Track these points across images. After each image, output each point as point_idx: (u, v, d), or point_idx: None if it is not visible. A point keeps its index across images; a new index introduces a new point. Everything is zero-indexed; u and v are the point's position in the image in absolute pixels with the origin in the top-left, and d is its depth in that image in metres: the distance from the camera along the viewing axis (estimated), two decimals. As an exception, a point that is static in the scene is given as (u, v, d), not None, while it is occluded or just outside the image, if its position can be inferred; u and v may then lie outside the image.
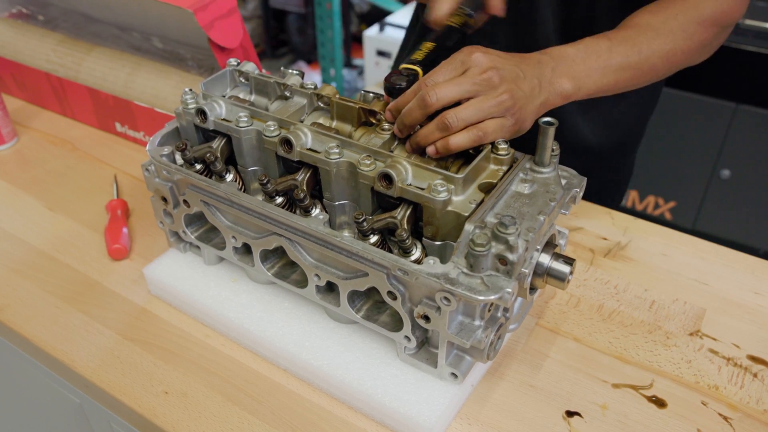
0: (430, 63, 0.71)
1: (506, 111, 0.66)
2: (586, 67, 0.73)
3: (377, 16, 3.08)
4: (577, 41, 0.75)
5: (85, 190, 1.01)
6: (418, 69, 0.70)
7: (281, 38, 3.47)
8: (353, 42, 3.29)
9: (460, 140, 0.64)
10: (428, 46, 0.73)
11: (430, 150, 0.65)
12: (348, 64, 3.23)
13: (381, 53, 2.87)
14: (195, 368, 0.72)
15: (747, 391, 0.70)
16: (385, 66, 2.83)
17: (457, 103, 0.66)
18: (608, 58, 0.75)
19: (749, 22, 1.83)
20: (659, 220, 2.21)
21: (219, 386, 0.70)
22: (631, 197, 2.25)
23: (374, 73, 2.95)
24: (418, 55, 0.72)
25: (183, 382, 0.71)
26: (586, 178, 0.70)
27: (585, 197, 0.95)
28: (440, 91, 0.64)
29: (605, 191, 1.06)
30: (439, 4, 0.74)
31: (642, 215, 1.87)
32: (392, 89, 0.69)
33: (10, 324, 0.78)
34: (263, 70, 1.07)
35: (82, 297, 0.82)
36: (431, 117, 0.66)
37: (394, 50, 2.65)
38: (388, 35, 2.84)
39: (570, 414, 0.67)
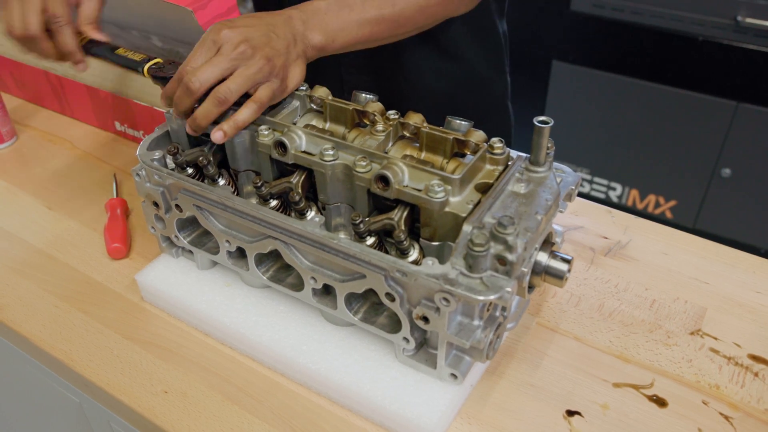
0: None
1: (269, 75, 0.70)
2: (339, 20, 0.77)
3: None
4: None
5: (85, 189, 1.01)
6: (159, 60, 0.78)
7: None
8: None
9: (245, 114, 0.69)
10: (122, 50, 0.82)
11: (218, 136, 0.69)
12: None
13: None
14: (194, 367, 0.72)
15: (748, 390, 0.70)
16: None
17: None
18: (362, 11, 0.79)
19: (750, 20, 1.82)
20: (660, 219, 2.21)
21: (219, 385, 0.70)
22: (632, 196, 2.24)
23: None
24: (141, 55, 0.80)
25: (182, 381, 0.70)
26: (581, 176, 0.70)
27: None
28: (201, 75, 0.67)
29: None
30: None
31: (642, 214, 1.87)
32: (161, 80, 0.75)
33: (9, 323, 0.78)
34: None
35: (81, 296, 0.81)
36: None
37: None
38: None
39: (570, 413, 0.67)
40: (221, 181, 0.74)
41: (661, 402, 0.68)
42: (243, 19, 0.72)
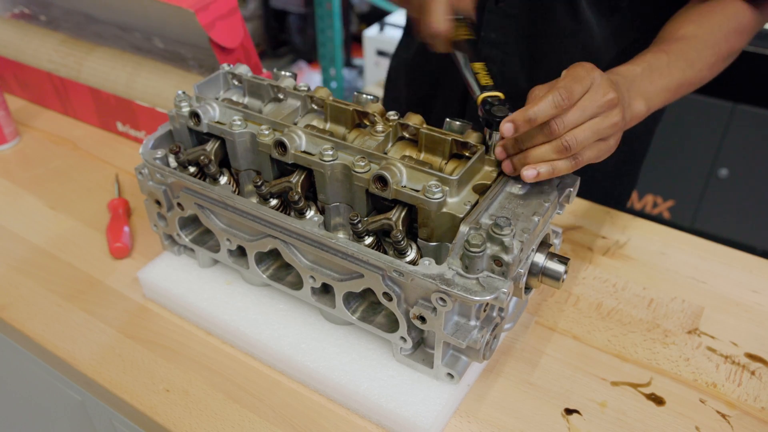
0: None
1: (615, 132, 0.65)
2: (653, 86, 0.73)
3: (377, 16, 3.08)
4: (636, 58, 0.75)
5: (87, 189, 1.01)
6: (500, 94, 0.68)
7: (282, 38, 3.47)
8: (353, 42, 3.29)
9: (563, 165, 0.63)
10: (479, 66, 0.71)
11: (530, 174, 0.62)
12: (348, 63, 3.23)
13: (381, 53, 2.87)
14: (196, 366, 0.73)
15: (745, 388, 0.70)
16: (385, 66, 2.83)
17: None
18: (669, 74, 0.75)
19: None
20: (658, 219, 2.21)
21: (220, 384, 0.70)
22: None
23: (374, 73, 2.95)
24: (489, 80, 0.70)
25: (184, 379, 0.71)
26: (579, 178, 0.70)
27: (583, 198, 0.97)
28: (568, 121, 0.62)
29: (607, 198, 1.06)
30: (436, 19, 0.71)
31: (641, 214, 1.87)
32: (493, 121, 0.65)
33: (12, 322, 0.79)
34: (264, 70, 1.07)
35: (83, 295, 0.82)
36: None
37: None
38: (387, 35, 2.84)
39: (569, 411, 0.68)
40: (222, 180, 0.75)
41: (658, 400, 0.69)
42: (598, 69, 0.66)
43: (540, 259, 0.64)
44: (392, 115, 0.71)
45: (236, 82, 0.81)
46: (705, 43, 0.79)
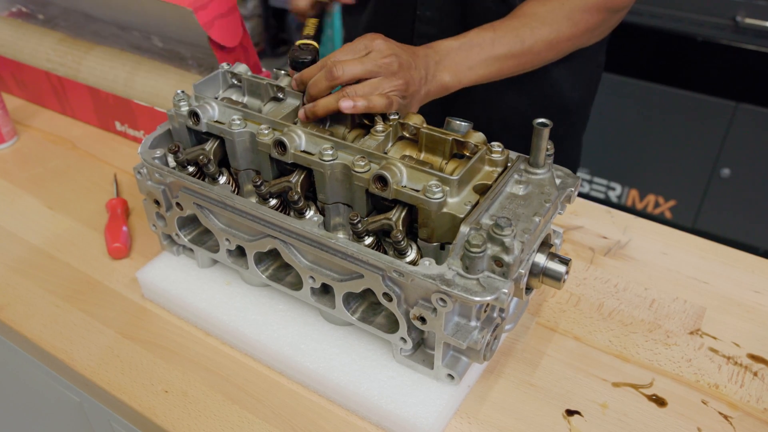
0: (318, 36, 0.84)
1: (399, 94, 0.72)
2: (468, 59, 0.79)
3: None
4: (463, 34, 0.80)
5: (85, 189, 1.01)
6: (315, 44, 0.78)
7: (281, 37, 3.47)
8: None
9: (378, 102, 0.70)
10: (313, 21, 0.83)
11: (347, 105, 0.69)
12: (347, 62, 3.23)
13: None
14: (195, 367, 0.72)
15: (747, 389, 0.70)
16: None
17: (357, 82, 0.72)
18: (491, 49, 0.80)
19: (749, 20, 1.82)
20: (659, 219, 2.21)
21: (219, 385, 0.70)
22: (631, 196, 2.24)
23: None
24: (310, 31, 0.81)
25: (183, 381, 0.71)
26: (580, 178, 0.70)
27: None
28: (347, 68, 0.70)
29: None
30: None
31: (642, 214, 1.87)
32: (297, 63, 0.77)
33: (10, 323, 0.78)
34: (263, 69, 1.07)
35: (82, 296, 0.82)
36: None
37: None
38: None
39: (570, 413, 0.67)
40: (221, 180, 0.75)
41: (660, 401, 0.69)
42: (391, 40, 0.74)
43: (541, 259, 0.64)
44: (392, 114, 0.71)
45: (235, 82, 0.81)
46: (542, 21, 0.82)
